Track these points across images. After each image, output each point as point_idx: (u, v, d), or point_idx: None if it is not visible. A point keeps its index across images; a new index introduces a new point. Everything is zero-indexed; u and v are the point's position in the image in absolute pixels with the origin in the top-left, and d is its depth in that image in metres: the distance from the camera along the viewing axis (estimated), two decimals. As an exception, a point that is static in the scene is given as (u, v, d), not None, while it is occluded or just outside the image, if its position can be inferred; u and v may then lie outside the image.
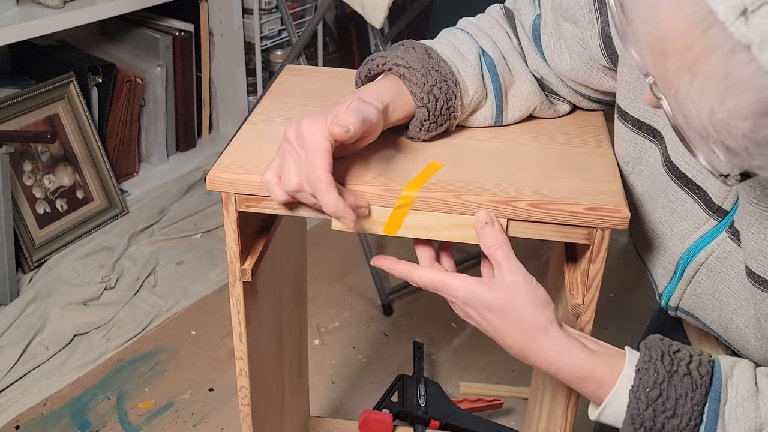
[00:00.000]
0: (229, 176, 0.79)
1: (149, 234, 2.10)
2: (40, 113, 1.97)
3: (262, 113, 0.92)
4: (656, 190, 0.79)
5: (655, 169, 0.79)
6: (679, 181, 0.76)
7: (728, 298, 0.75)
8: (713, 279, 0.76)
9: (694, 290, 0.79)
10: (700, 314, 0.80)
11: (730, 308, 0.76)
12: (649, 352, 0.71)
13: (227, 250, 0.83)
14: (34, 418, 1.53)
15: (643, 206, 0.82)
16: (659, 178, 0.78)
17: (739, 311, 0.75)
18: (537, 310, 0.74)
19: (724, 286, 0.75)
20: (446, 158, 0.82)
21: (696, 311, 0.81)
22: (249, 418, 0.95)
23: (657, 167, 0.79)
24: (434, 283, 0.77)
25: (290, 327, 1.18)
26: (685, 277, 0.79)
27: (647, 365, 0.70)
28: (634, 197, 0.83)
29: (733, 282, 0.74)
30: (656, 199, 0.80)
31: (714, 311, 0.78)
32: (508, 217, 0.75)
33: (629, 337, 1.78)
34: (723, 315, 0.77)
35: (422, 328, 1.78)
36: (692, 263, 0.77)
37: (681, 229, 0.77)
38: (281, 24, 2.51)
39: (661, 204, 0.79)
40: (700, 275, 0.77)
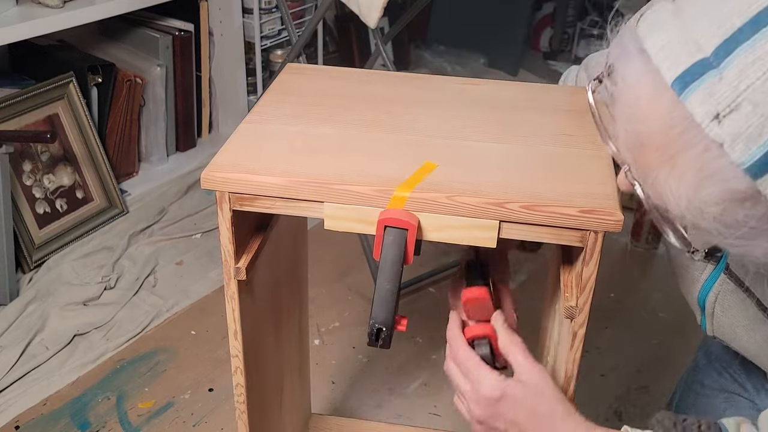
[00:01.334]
0: (224, 175, 0.79)
1: (149, 234, 2.10)
2: (40, 113, 1.97)
3: (260, 112, 0.92)
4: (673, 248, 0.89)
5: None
6: None
7: (740, 330, 0.85)
8: (726, 314, 0.86)
9: (717, 323, 0.89)
10: (729, 342, 0.90)
11: (744, 339, 0.86)
12: (663, 423, 0.74)
13: (221, 249, 0.83)
14: (34, 418, 1.53)
15: (671, 258, 0.95)
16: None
17: (751, 341, 0.84)
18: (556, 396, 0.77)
19: (735, 320, 0.85)
20: (441, 159, 0.82)
21: (726, 340, 0.91)
22: (245, 416, 0.95)
23: None
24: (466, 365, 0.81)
25: (289, 326, 1.18)
26: (707, 313, 0.89)
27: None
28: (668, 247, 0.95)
29: (741, 317, 0.84)
30: (674, 253, 0.92)
31: (735, 341, 0.88)
32: (501, 218, 0.75)
33: (629, 337, 1.79)
34: (741, 343, 0.87)
35: (422, 328, 1.77)
36: (707, 302, 0.87)
37: (691, 275, 0.88)
38: (281, 24, 2.51)
39: (677, 258, 0.91)
40: (717, 311, 0.87)
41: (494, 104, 0.96)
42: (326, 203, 0.78)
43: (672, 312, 1.88)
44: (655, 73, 0.59)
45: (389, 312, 0.77)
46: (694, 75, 0.56)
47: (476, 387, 0.78)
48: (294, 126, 0.89)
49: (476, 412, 0.78)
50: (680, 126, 0.57)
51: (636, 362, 1.72)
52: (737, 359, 1.05)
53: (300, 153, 0.83)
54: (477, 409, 0.78)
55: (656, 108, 0.59)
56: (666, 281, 2.02)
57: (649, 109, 0.59)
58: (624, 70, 0.62)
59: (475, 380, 0.78)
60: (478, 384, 0.78)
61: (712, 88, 0.56)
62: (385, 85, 1.00)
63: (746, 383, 1.03)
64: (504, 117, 0.92)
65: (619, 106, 0.64)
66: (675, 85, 0.57)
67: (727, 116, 0.55)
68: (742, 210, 0.58)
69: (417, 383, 1.67)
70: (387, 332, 0.77)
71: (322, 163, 0.81)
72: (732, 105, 0.55)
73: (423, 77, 1.05)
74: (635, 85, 0.61)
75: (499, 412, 0.76)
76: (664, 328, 1.84)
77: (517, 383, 0.76)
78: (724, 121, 0.55)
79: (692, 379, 1.13)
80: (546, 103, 0.97)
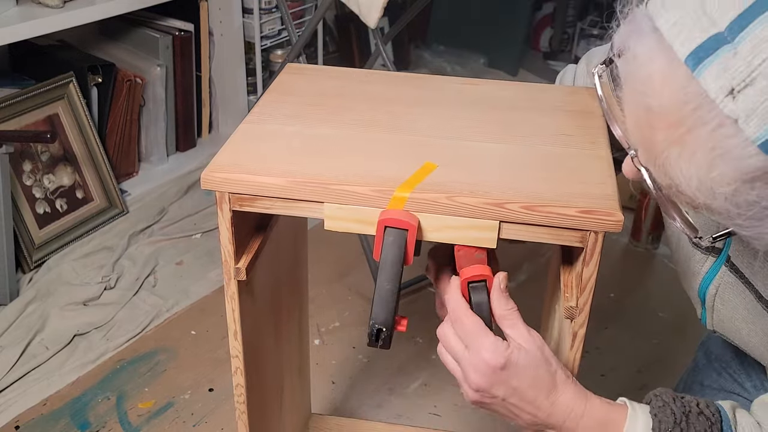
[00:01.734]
0: (224, 175, 0.79)
1: (149, 234, 2.10)
2: (40, 113, 1.97)
3: (260, 112, 0.92)
4: (676, 242, 0.92)
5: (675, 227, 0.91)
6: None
7: (741, 323, 0.85)
8: (726, 307, 0.86)
9: (717, 317, 0.89)
10: (729, 336, 0.91)
11: (745, 331, 0.86)
12: (662, 398, 0.74)
13: (221, 249, 0.83)
14: (34, 418, 1.53)
15: (673, 252, 0.95)
16: (676, 233, 0.91)
17: (752, 334, 0.85)
18: (556, 362, 0.77)
19: (736, 312, 0.85)
20: (440, 159, 0.82)
21: (726, 334, 0.91)
22: (245, 416, 0.95)
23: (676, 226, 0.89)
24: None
25: (289, 326, 1.18)
26: (707, 306, 0.89)
27: (663, 408, 0.73)
28: (670, 240, 0.96)
29: (741, 309, 0.84)
30: (676, 246, 0.93)
31: (735, 334, 0.88)
32: (501, 219, 0.75)
33: (629, 337, 1.79)
34: (742, 337, 0.87)
35: (422, 328, 1.77)
36: (708, 295, 0.88)
37: (692, 268, 0.89)
38: (281, 24, 2.51)
39: (679, 250, 0.92)
40: (717, 304, 0.87)
41: (494, 104, 0.96)
42: (326, 204, 0.78)
43: (672, 312, 1.88)
44: (668, 50, 0.58)
45: (389, 312, 0.77)
46: (708, 50, 0.56)
47: (479, 354, 0.74)
48: (294, 126, 0.89)
49: (476, 379, 0.75)
50: (693, 102, 0.56)
51: (636, 362, 1.72)
52: (736, 359, 1.05)
53: (300, 153, 0.83)
54: (477, 377, 0.75)
55: (669, 84, 0.58)
56: (666, 281, 2.02)
57: (662, 86, 0.59)
58: (636, 48, 0.61)
59: (478, 347, 0.75)
60: (480, 351, 0.74)
61: (726, 63, 0.55)
62: (385, 85, 1.00)
63: (745, 383, 1.03)
64: (504, 117, 0.92)
65: (630, 84, 0.63)
66: (689, 60, 0.56)
67: (741, 91, 0.54)
68: (753, 190, 0.57)
69: (417, 383, 1.67)
70: (387, 332, 0.77)
71: (322, 164, 0.81)
72: (747, 80, 0.54)
73: (423, 77, 1.05)
74: (648, 63, 0.60)
75: (501, 380, 0.74)
76: (664, 328, 1.84)
77: (520, 350, 0.75)
78: (739, 96, 0.54)
79: (692, 379, 1.13)
80: (546, 103, 0.97)
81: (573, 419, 0.75)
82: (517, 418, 0.77)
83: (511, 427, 1.56)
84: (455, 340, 0.78)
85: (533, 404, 0.75)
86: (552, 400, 0.75)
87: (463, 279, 0.80)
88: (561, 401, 0.75)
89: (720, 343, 1.09)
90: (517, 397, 0.75)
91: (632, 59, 0.62)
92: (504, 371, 0.74)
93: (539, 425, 0.76)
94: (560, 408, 0.75)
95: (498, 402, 0.76)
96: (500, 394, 0.75)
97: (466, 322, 0.76)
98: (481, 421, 1.58)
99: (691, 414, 0.73)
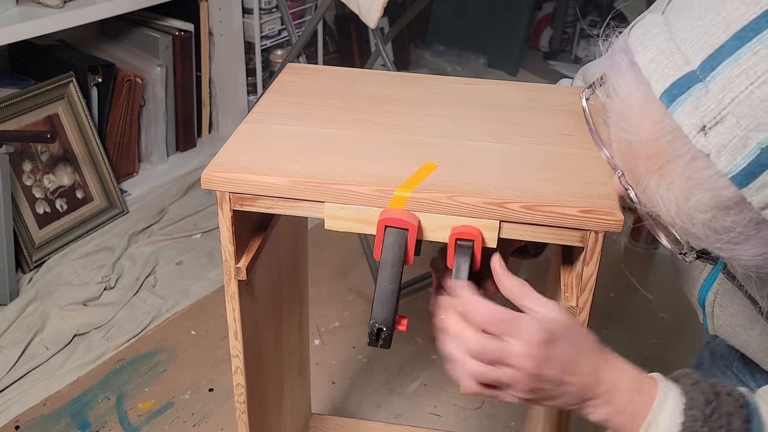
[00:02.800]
0: (224, 175, 0.79)
1: (149, 234, 2.10)
2: (40, 113, 1.97)
3: (260, 112, 0.92)
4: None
5: None
6: None
7: (739, 328, 0.87)
8: (725, 312, 0.88)
9: (717, 322, 0.91)
10: (729, 340, 0.92)
11: (743, 337, 0.88)
12: (692, 376, 0.74)
13: (222, 249, 0.83)
14: (34, 419, 1.53)
15: (674, 258, 0.94)
16: None
17: (749, 340, 0.86)
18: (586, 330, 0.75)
19: (734, 318, 0.87)
20: (441, 159, 0.82)
21: (726, 338, 0.93)
22: (245, 416, 0.95)
23: None
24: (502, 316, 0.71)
25: (289, 326, 1.18)
26: (707, 312, 0.91)
27: (694, 387, 0.72)
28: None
29: (739, 315, 0.86)
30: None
31: (735, 339, 0.90)
32: (501, 218, 0.75)
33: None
34: (741, 342, 0.89)
35: (422, 328, 1.78)
36: (707, 301, 0.89)
37: (692, 275, 0.91)
38: (281, 24, 2.51)
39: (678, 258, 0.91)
40: (716, 310, 0.89)
41: (495, 104, 0.96)
42: (327, 203, 0.78)
43: (672, 312, 1.88)
44: (646, 86, 0.61)
45: (390, 312, 0.77)
46: (682, 88, 0.59)
47: (521, 337, 0.69)
48: (294, 126, 0.89)
49: (528, 366, 0.70)
50: (669, 136, 0.60)
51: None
52: (741, 359, 1.05)
53: (300, 153, 0.83)
54: (528, 363, 0.69)
55: (646, 119, 0.61)
56: (666, 281, 2.02)
57: (639, 119, 0.62)
58: (616, 82, 0.64)
59: (518, 331, 0.70)
60: (521, 334, 0.69)
61: (698, 101, 0.58)
62: (385, 85, 1.00)
63: (750, 383, 1.03)
64: (504, 117, 0.92)
65: (611, 116, 0.66)
66: (663, 97, 0.59)
67: (712, 128, 0.58)
68: (729, 217, 0.61)
69: (417, 383, 1.67)
70: (387, 332, 0.77)
71: (322, 163, 0.81)
72: (717, 117, 0.57)
73: (423, 77, 1.05)
74: (627, 97, 0.63)
75: (553, 356, 0.70)
76: (664, 328, 1.84)
77: (555, 321, 0.71)
78: (710, 132, 0.58)
79: None
80: (546, 103, 0.97)
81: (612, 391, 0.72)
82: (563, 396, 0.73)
83: (510, 427, 1.56)
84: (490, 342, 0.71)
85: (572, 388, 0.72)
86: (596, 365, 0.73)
87: (453, 235, 0.77)
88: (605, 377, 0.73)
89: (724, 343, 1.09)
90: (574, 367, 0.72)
91: (613, 93, 0.65)
92: (552, 346, 0.70)
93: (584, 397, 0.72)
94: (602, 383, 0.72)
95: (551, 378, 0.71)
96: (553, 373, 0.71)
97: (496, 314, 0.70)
98: (481, 421, 1.58)
99: (720, 394, 0.72)
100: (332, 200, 0.78)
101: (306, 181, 0.78)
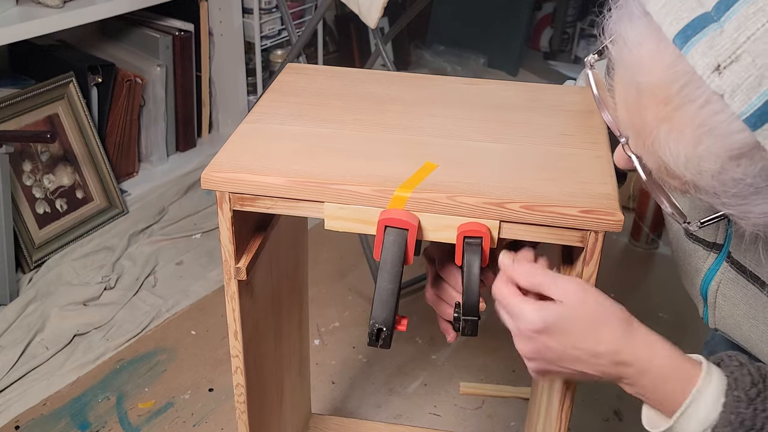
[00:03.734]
0: (224, 175, 0.79)
1: (149, 234, 2.10)
2: (40, 113, 1.97)
3: (260, 112, 0.92)
4: (677, 240, 0.93)
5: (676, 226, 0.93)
6: (685, 233, 0.90)
7: (742, 318, 0.85)
8: (728, 303, 0.87)
9: (719, 314, 0.89)
10: (730, 334, 0.90)
11: (746, 327, 0.86)
12: (738, 358, 0.73)
13: (222, 249, 0.83)
14: (34, 419, 1.53)
15: (674, 250, 0.96)
16: (678, 231, 0.92)
17: (753, 329, 0.85)
18: (614, 303, 0.74)
19: (737, 308, 0.85)
20: (441, 159, 0.82)
21: (727, 331, 0.91)
22: (245, 416, 0.95)
23: (677, 226, 0.92)
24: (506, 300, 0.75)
25: (289, 326, 1.18)
26: (709, 303, 0.90)
27: (740, 368, 0.72)
28: (671, 240, 0.97)
29: (742, 305, 0.84)
30: (677, 244, 0.93)
31: (737, 330, 0.88)
32: (501, 218, 0.75)
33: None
34: (743, 333, 0.87)
35: (422, 328, 1.77)
36: (710, 291, 0.88)
37: (694, 265, 0.90)
38: (281, 24, 2.51)
39: (680, 248, 0.92)
40: (719, 301, 0.88)
41: (495, 104, 0.96)
42: (327, 203, 0.78)
43: (672, 312, 1.88)
44: (658, 31, 0.61)
45: (390, 312, 0.77)
46: (696, 29, 0.58)
47: (516, 323, 0.74)
48: (294, 126, 0.89)
49: (522, 349, 0.75)
50: (681, 80, 0.59)
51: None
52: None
53: (300, 153, 0.83)
54: (522, 346, 0.74)
55: (658, 64, 0.60)
56: (666, 281, 2.02)
57: (651, 66, 0.61)
58: (627, 33, 0.64)
59: (513, 316, 0.74)
60: (517, 320, 0.74)
61: (712, 40, 0.58)
62: (386, 85, 1.00)
63: None
64: (504, 117, 0.92)
65: (621, 68, 0.65)
66: (677, 39, 0.59)
67: (727, 67, 0.57)
68: (739, 167, 0.60)
69: (417, 383, 1.67)
70: (387, 332, 0.77)
71: (322, 163, 0.81)
72: (732, 57, 0.57)
73: (423, 77, 1.05)
74: (638, 45, 0.62)
75: (546, 345, 0.73)
76: (664, 328, 1.82)
77: (558, 305, 0.73)
78: (725, 72, 0.57)
79: None
80: (546, 103, 0.97)
81: (643, 365, 0.73)
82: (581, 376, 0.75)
83: (510, 427, 1.56)
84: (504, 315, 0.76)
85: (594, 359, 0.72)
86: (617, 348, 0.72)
87: (460, 233, 0.77)
88: (628, 351, 0.73)
89: (724, 344, 1.09)
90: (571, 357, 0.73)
91: (623, 44, 0.64)
92: (544, 335, 0.72)
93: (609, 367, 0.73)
94: (628, 354, 0.73)
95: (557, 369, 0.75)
96: (554, 357, 0.73)
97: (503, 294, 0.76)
98: (481, 421, 1.58)
99: (767, 377, 0.72)
100: (332, 200, 0.78)
101: (306, 181, 0.78)
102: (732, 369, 0.72)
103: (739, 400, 0.70)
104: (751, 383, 0.71)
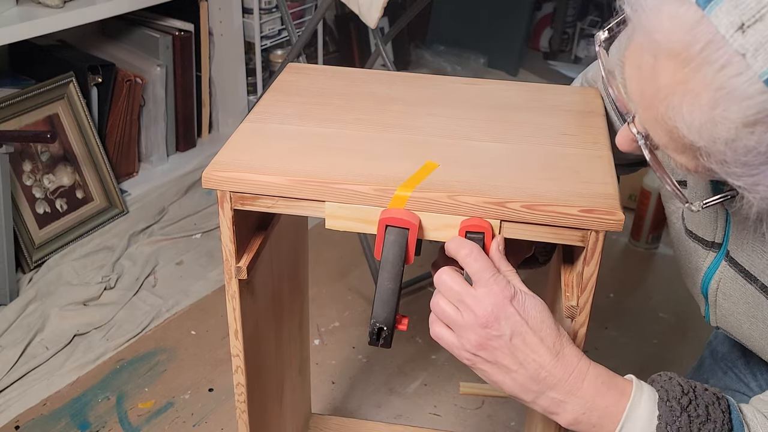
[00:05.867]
0: (225, 174, 0.79)
1: (149, 234, 2.10)
2: (40, 113, 1.97)
3: (261, 111, 0.92)
4: (678, 239, 0.94)
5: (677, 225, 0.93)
6: (685, 232, 0.90)
7: (742, 317, 0.86)
8: (728, 301, 0.87)
9: (720, 312, 0.90)
10: (731, 332, 0.91)
11: (746, 325, 0.86)
12: (667, 373, 0.75)
13: (223, 248, 0.83)
14: (34, 419, 1.53)
15: (675, 249, 0.97)
16: (679, 230, 0.93)
17: (753, 328, 0.85)
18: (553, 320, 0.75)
19: (737, 306, 0.86)
20: (441, 158, 0.82)
21: (728, 329, 0.91)
22: (245, 415, 0.95)
23: (678, 224, 0.93)
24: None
25: (290, 325, 1.18)
26: (710, 301, 0.90)
27: (669, 382, 0.73)
28: (672, 239, 0.98)
29: (742, 303, 0.85)
30: (678, 243, 0.94)
31: (738, 329, 0.89)
32: (502, 218, 0.75)
33: (629, 337, 1.79)
34: (744, 331, 0.88)
35: (422, 328, 1.77)
36: (710, 290, 0.89)
37: (695, 263, 0.90)
38: (281, 24, 2.51)
39: (681, 247, 0.93)
40: (719, 299, 0.88)
41: (495, 104, 0.96)
42: (327, 202, 0.78)
43: (672, 312, 1.88)
44: None
45: (390, 311, 0.77)
46: None
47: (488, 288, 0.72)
48: (295, 125, 0.89)
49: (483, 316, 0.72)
50: (702, 41, 0.58)
51: (636, 362, 1.72)
52: (743, 359, 1.05)
53: (301, 152, 0.83)
54: (484, 314, 0.72)
55: (680, 26, 0.59)
56: (666, 281, 2.02)
57: (671, 28, 0.60)
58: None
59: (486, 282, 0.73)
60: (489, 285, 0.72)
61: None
62: (386, 85, 1.00)
63: (750, 383, 1.04)
64: (504, 117, 0.92)
65: (639, 33, 0.63)
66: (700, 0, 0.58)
67: (751, 26, 0.56)
68: (753, 135, 0.58)
69: (417, 383, 1.67)
70: (388, 332, 0.77)
71: (323, 163, 0.81)
72: (757, 15, 0.56)
73: (424, 77, 1.05)
74: (658, 9, 0.61)
75: (510, 312, 0.72)
76: (664, 328, 1.84)
77: (526, 293, 0.73)
78: (749, 31, 0.56)
79: (696, 377, 1.14)
80: (546, 103, 0.97)
81: (578, 375, 0.73)
82: (519, 370, 0.73)
83: (510, 428, 1.56)
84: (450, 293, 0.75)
85: (538, 350, 0.72)
86: (557, 350, 0.73)
87: (462, 228, 0.77)
88: (567, 353, 0.73)
89: (726, 343, 1.09)
90: (522, 338, 0.72)
91: (641, 9, 0.62)
92: (514, 301, 0.72)
93: (541, 380, 0.73)
94: (566, 360, 0.73)
95: (502, 344, 0.72)
96: (507, 332, 0.72)
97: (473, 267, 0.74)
98: (481, 421, 1.58)
99: (697, 388, 0.73)
100: (333, 199, 0.78)
101: (307, 181, 0.78)
102: (662, 383, 0.74)
103: (673, 410, 0.71)
104: (681, 392, 0.72)
